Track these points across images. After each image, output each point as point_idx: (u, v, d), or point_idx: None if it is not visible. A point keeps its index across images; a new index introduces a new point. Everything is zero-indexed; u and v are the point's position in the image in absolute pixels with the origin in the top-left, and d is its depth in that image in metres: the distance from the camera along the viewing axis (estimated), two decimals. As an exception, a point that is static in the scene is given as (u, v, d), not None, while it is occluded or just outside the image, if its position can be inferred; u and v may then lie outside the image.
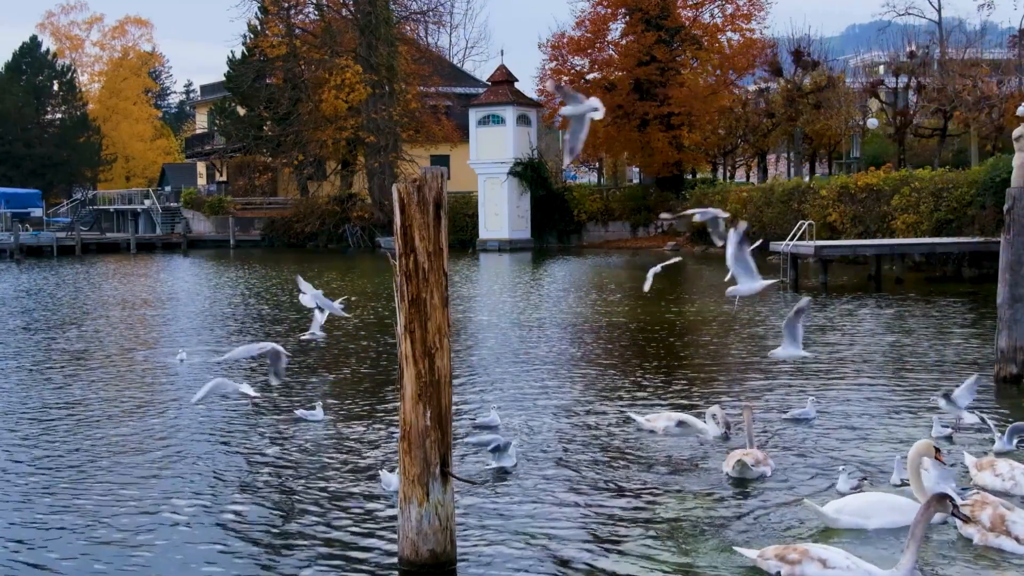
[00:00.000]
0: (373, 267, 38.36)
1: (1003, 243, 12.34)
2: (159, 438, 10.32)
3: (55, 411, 11.70)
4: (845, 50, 66.74)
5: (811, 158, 52.79)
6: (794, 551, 6.22)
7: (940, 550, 6.82)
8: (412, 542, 6.44)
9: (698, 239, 45.17)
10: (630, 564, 6.72)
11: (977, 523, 6.80)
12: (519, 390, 12.57)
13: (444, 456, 6.44)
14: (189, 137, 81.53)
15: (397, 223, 6.43)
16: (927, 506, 6.07)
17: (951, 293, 23.41)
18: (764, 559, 6.33)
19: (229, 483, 8.71)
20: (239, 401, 12.20)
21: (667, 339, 17.31)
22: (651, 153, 49.41)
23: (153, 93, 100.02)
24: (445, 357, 6.45)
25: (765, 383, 12.75)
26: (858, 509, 7.22)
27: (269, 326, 20.04)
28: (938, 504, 6.08)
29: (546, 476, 8.73)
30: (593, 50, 51.62)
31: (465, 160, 53.01)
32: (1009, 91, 40.00)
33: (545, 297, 25.64)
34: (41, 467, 9.26)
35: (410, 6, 61.07)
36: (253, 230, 58.86)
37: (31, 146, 75.86)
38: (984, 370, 12.92)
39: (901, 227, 30.32)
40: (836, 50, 60.13)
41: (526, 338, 17.46)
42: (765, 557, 6.33)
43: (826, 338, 16.62)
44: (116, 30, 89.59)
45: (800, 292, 24.61)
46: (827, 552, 6.19)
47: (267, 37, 57.96)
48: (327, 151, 56.81)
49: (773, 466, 8.68)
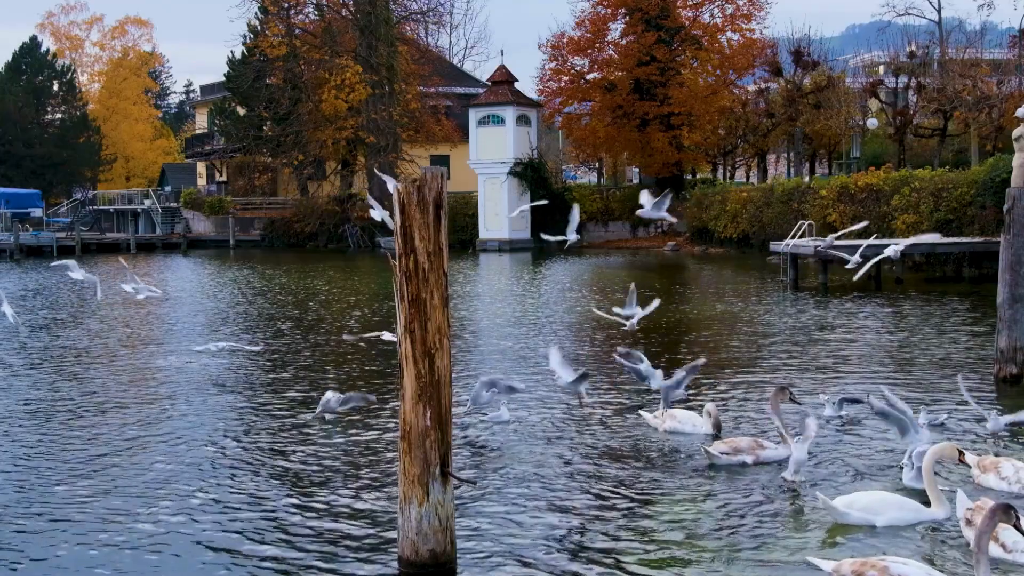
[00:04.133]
0: (373, 267, 38.36)
1: (1003, 243, 12.34)
2: (160, 435, 10.33)
3: (60, 407, 11.71)
4: (845, 50, 66.70)
5: (811, 158, 52.79)
6: (873, 567, 5.94)
7: (937, 551, 6.82)
8: (412, 542, 6.44)
9: (698, 239, 45.22)
10: (631, 564, 6.71)
11: None
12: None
13: (444, 456, 6.44)
14: (189, 137, 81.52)
15: (397, 223, 6.43)
16: (991, 516, 5.74)
17: (951, 293, 23.40)
18: (839, 573, 6.04)
19: (228, 483, 8.71)
20: (240, 400, 12.21)
21: (667, 339, 17.31)
22: (651, 153, 49.42)
23: (153, 93, 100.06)
24: (445, 357, 6.45)
25: (765, 383, 12.74)
26: (868, 505, 7.28)
27: (270, 326, 20.04)
28: (1002, 515, 5.75)
29: (547, 476, 8.73)
30: (593, 50, 51.63)
31: (465, 160, 53.00)
32: (1009, 91, 39.97)
33: (545, 297, 25.64)
34: (41, 465, 9.27)
35: (410, 6, 61.14)
36: (253, 230, 58.87)
37: (31, 146, 75.85)
38: (983, 369, 12.95)
39: (901, 227, 30.31)
40: (836, 50, 60.15)
41: (526, 338, 17.46)
42: (841, 571, 6.04)
43: (826, 338, 16.63)
44: (116, 30, 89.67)
45: (801, 292, 24.63)
46: (907, 567, 5.94)
47: (267, 37, 57.96)
48: (327, 151, 56.83)
49: (765, 455, 8.91)
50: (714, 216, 43.01)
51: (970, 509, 6.88)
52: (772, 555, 6.78)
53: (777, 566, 6.58)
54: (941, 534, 7.08)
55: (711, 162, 56.96)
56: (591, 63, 51.97)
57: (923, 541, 7.00)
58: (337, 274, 34.91)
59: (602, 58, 51.60)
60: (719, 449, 9.00)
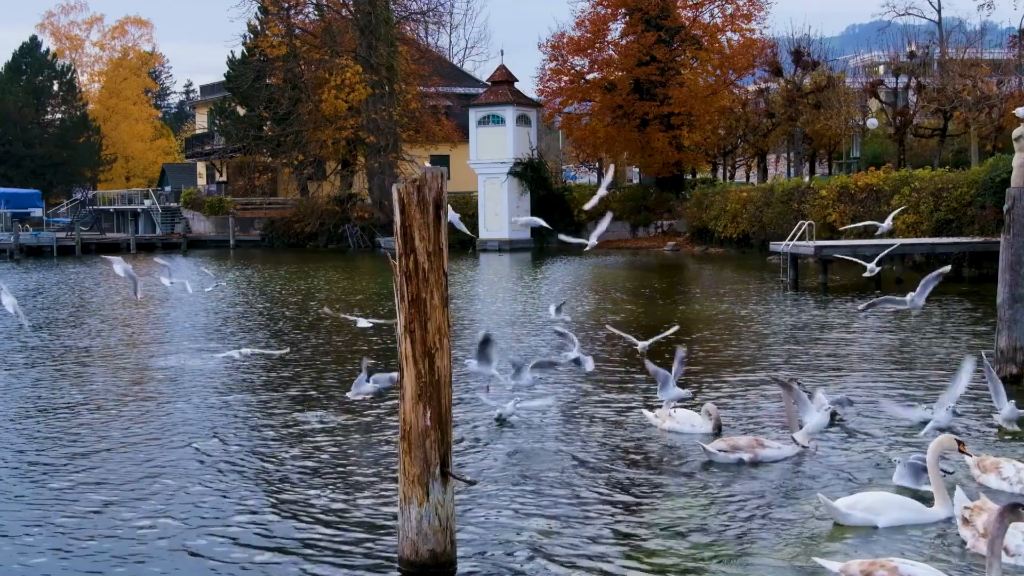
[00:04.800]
0: (373, 267, 38.35)
1: (1003, 243, 12.34)
2: (160, 434, 10.33)
3: (63, 407, 11.71)
4: (845, 50, 66.70)
5: (811, 158, 52.79)
6: (882, 567, 5.93)
7: (935, 553, 6.82)
8: (412, 542, 6.44)
9: (698, 239, 45.22)
10: (632, 564, 6.71)
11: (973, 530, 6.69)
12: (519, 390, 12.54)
13: (444, 456, 6.44)
14: (189, 137, 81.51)
15: (397, 223, 6.43)
16: (1001, 518, 5.68)
17: (951, 293, 23.39)
18: (847, 574, 6.03)
19: (228, 482, 8.70)
20: (240, 399, 12.20)
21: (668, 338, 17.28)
22: (651, 153, 49.41)
23: (153, 93, 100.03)
24: (445, 357, 6.45)
25: (765, 382, 12.74)
26: (869, 506, 7.27)
27: (272, 325, 20.04)
28: (1011, 515, 5.68)
29: (547, 475, 8.72)
30: (593, 50, 51.62)
31: (465, 160, 52.99)
32: (1009, 91, 39.96)
33: (545, 297, 25.62)
34: (41, 463, 9.27)
35: (410, 6, 61.11)
36: (253, 230, 58.86)
37: (31, 146, 75.82)
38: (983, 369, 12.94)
39: (901, 227, 30.31)
40: (836, 50, 60.15)
41: (526, 338, 17.45)
42: (849, 572, 6.03)
43: (826, 337, 16.63)
44: (116, 30, 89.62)
45: (801, 292, 24.63)
46: (916, 568, 5.93)
47: (267, 37, 57.94)
48: (327, 151, 56.82)
49: (764, 454, 8.91)
50: (714, 216, 43.00)
51: (967, 508, 6.86)
52: (773, 556, 6.77)
53: (780, 567, 6.58)
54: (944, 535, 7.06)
55: (711, 162, 56.95)
56: (591, 63, 51.97)
57: (924, 541, 6.99)
58: (337, 274, 34.91)
59: (602, 58, 51.60)
60: (716, 447, 9.01)
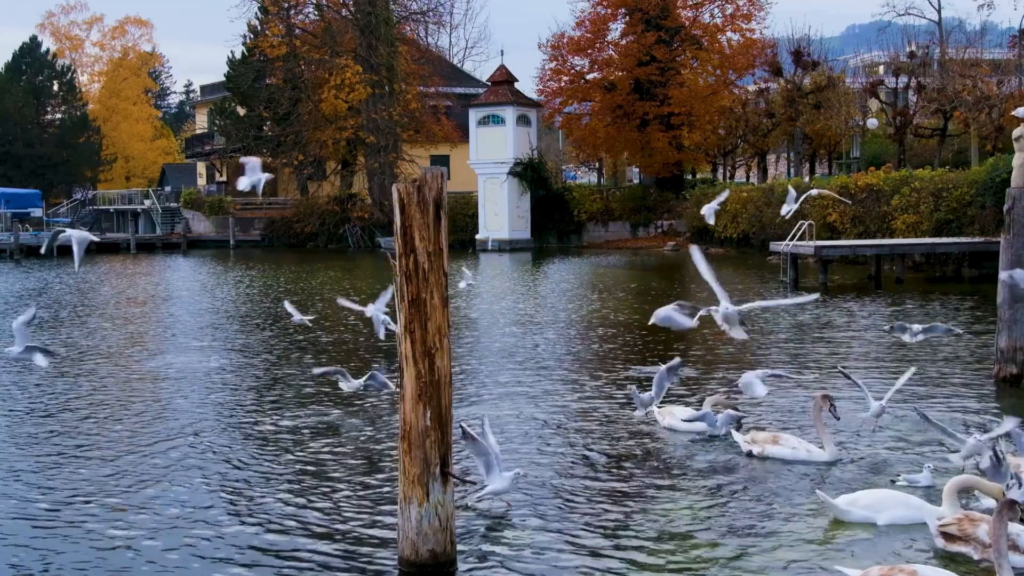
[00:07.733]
0: (373, 267, 38.34)
1: (1003, 243, 12.34)
2: (160, 433, 10.33)
3: (64, 408, 11.71)
4: (845, 50, 66.74)
5: (811, 158, 52.78)
6: (900, 572, 5.88)
7: (932, 558, 6.82)
8: (412, 542, 6.44)
9: (698, 239, 45.20)
10: (632, 564, 6.71)
11: (974, 541, 6.59)
12: (519, 390, 12.56)
13: (444, 456, 6.44)
14: (189, 137, 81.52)
15: (397, 223, 6.43)
16: (1000, 516, 5.65)
17: (951, 293, 23.40)
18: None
19: (227, 481, 8.71)
20: (239, 399, 12.20)
21: (667, 338, 17.30)
22: (651, 153, 49.41)
23: (153, 93, 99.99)
24: (445, 357, 6.45)
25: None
26: (870, 503, 7.27)
27: (273, 324, 20.04)
28: (1009, 511, 5.68)
29: (547, 475, 8.72)
30: (593, 50, 51.61)
31: (465, 160, 53.00)
32: (1009, 91, 39.95)
33: (545, 297, 25.63)
34: (43, 463, 9.27)
35: (410, 6, 61.10)
36: (253, 230, 58.87)
37: (31, 146, 75.81)
38: (983, 369, 12.95)
39: (901, 227, 30.32)
40: (836, 50, 60.16)
41: (526, 337, 17.45)
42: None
43: (827, 337, 16.63)
44: (116, 30, 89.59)
45: (800, 292, 24.61)
46: (937, 573, 5.90)
47: (267, 37, 57.96)
48: (327, 151, 56.82)
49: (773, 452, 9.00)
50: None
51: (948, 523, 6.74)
52: (775, 556, 6.76)
53: (781, 566, 6.57)
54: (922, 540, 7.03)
55: (711, 162, 56.94)
56: (591, 63, 51.97)
57: (924, 540, 6.99)
58: (337, 274, 34.90)
59: (602, 58, 51.59)
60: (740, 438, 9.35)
